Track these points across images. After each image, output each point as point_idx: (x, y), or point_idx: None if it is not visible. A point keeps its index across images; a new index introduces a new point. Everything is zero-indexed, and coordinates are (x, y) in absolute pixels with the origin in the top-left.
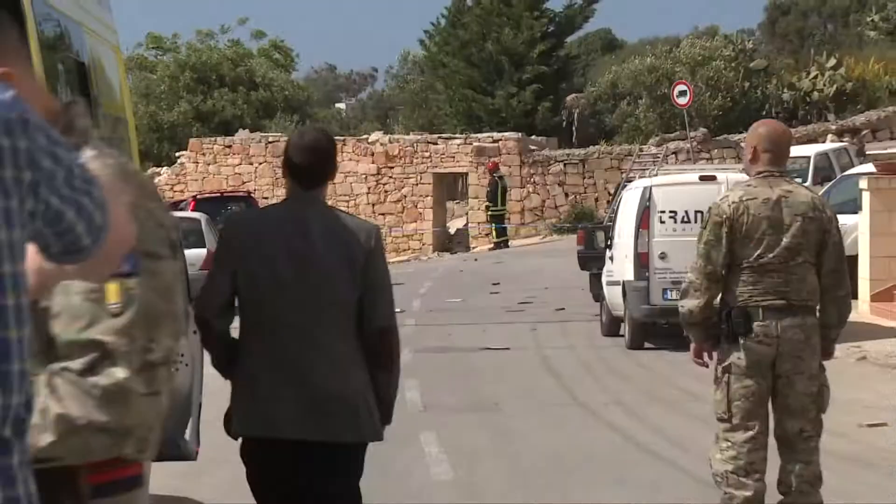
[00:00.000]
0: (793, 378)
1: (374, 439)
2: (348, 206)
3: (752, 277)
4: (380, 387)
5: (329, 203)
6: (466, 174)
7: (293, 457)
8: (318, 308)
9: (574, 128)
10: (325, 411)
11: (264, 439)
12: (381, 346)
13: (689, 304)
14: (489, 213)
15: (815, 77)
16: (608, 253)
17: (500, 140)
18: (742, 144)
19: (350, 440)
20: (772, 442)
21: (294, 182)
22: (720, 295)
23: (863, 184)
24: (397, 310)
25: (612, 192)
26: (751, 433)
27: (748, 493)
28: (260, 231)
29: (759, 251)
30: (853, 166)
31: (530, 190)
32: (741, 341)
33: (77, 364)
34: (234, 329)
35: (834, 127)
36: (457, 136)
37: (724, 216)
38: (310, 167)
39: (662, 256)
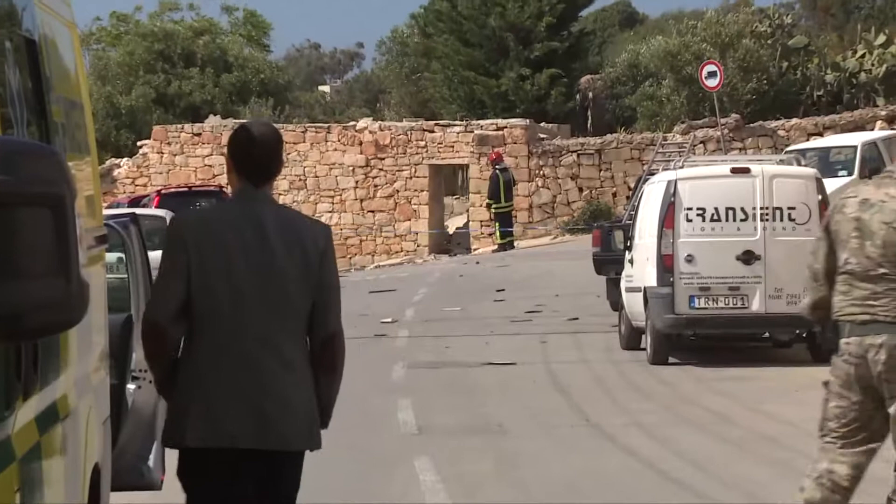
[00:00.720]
0: (890, 403)
1: (319, 447)
2: (333, 203)
3: (844, 286)
4: (323, 391)
5: (289, 199)
6: (467, 166)
7: (237, 468)
8: (275, 313)
9: (589, 113)
10: (282, 420)
11: (212, 450)
12: (331, 351)
13: (804, 301)
14: (492, 210)
15: (863, 56)
16: (627, 255)
17: (506, 127)
18: (780, 132)
19: (303, 449)
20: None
21: (243, 179)
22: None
23: None
24: (388, 320)
25: (631, 186)
26: (839, 457)
27: None
28: (214, 232)
29: (845, 256)
30: None
31: (539, 184)
32: (833, 358)
33: None
34: None
35: (884, 112)
36: (456, 122)
37: (829, 212)
38: (259, 163)
39: (689, 259)
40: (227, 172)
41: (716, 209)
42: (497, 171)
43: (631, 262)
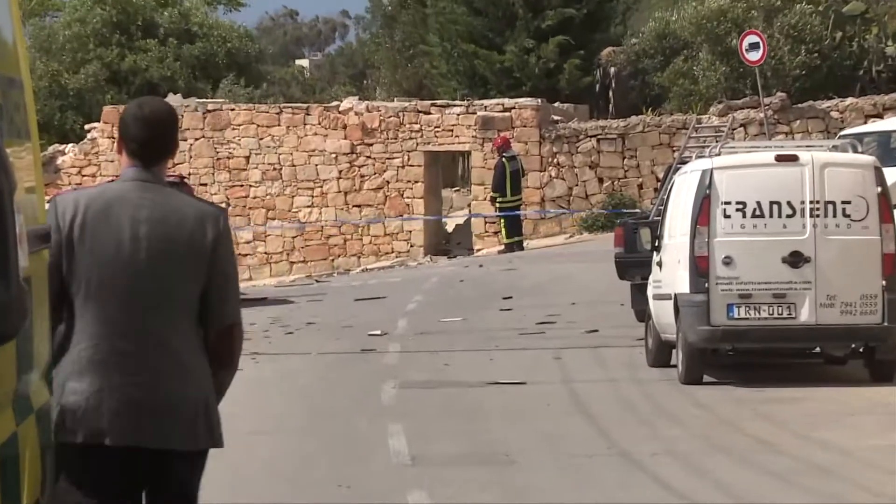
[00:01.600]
0: None
1: (215, 446)
2: (312, 196)
3: None
4: (219, 382)
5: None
6: (469, 153)
7: (122, 466)
8: (161, 303)
9: (611, 92)
10: (163, 417)
11: (91, 446)
12: (228, 343)
13: None
14: (498, 205)
15: None
16: (655, 257)
17: (514, 108)
18: (832, 114)
19: (187, 448)
20: None
21: (133, 159)
22: None
23: None
24: (376, 332)
25: (660, 176)
26: None
27: None
28: (96, 215)
29: None
30: None
31: (552, 174)
32: None
33: None
34: None
35: None
36: (456, 102)
37: None
38: (151, 142)
39: (727, 262)
40: (116, 153)
41: (758, 203)
42: (503, 159)
43: (659, 264)
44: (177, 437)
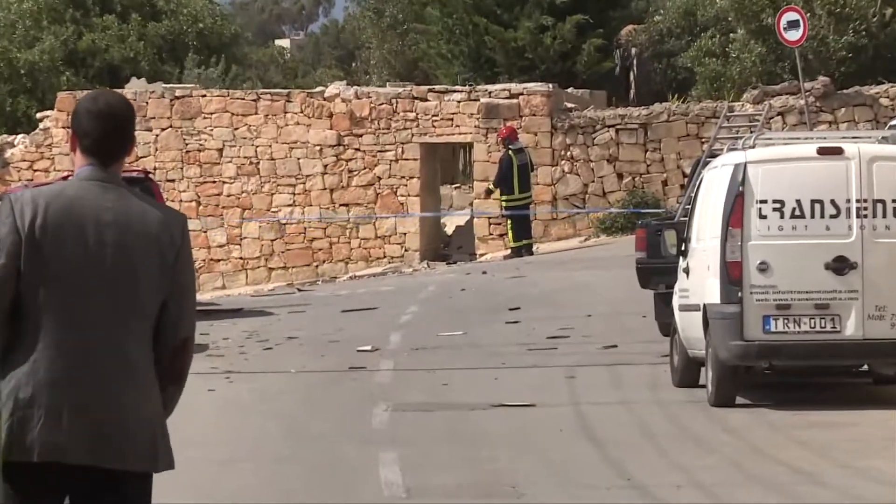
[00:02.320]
0: None
1: (170, 468)
2: (294, 193)
3: None
4: (168, 399)
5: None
6: (471, 145)
7: (70, 486)
8: (123, 314)
9: (632, 76)
10: (121, 436)
11: (42, 465)
12: (181, 358)
13: None
14: (504, 203)
15: None
16: (682, 263)
17: (522, 94)
18: (882, 101)
19: (147, 469)
20: None
21: (88, 157)
22: None
23: None
24: (366, 348)
25: (687, 172)
26: None
27: None
28: (58, 217)
29: None
30: None
31: (566, 169)
32: None
33: None
34: None
35: None
36: (457, 87)
37: None
38: (107, 139)
39: (763, 268)
40: (70, 150)
41: (798, 202)
42: (509, 152)
43: (686, 271)
44: (136, 458)
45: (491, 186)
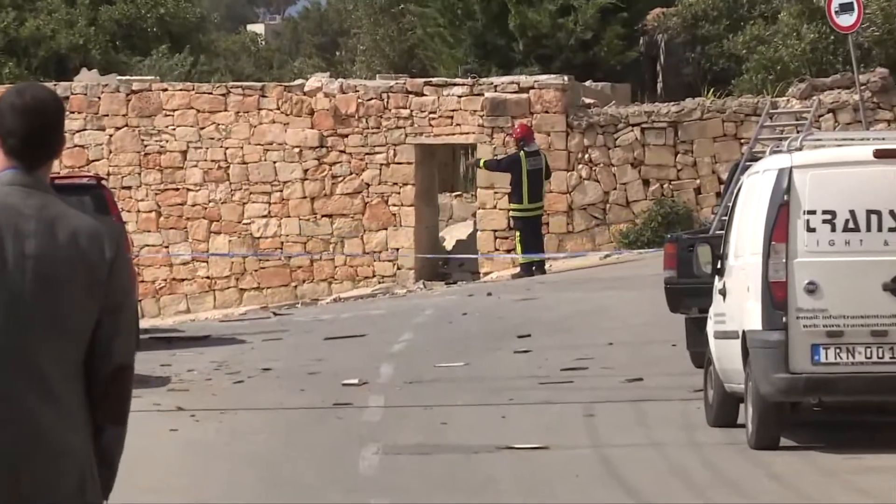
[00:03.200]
0: None
1: None
2: (269, 203)
3: None
4: (107, 445)
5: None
6: (474, 147)
7: None
8: (47, 336)
9: (660, 67)
10: (47, 468)
11: None
12: (115, 390)
13: None
14: (511, 214)
15: None
16: (718, 283)
17: (533, 87)
18: None
19: None
20: None
21: (12, 159)
22: None
23: None
24: (353, 381)
25: (724, 178)
26: None
27: None
28: None
29: None
30: None
31: (583, 174)
32: None
33: None
34: None
35: None
36: (457, 80)
37: None
38: (33, 138)
39: (811, 289)
40: None
41: (851, 213)
42: (523, 152)
43: (722, 293)
44: (68, 495)
45: (481, 162)
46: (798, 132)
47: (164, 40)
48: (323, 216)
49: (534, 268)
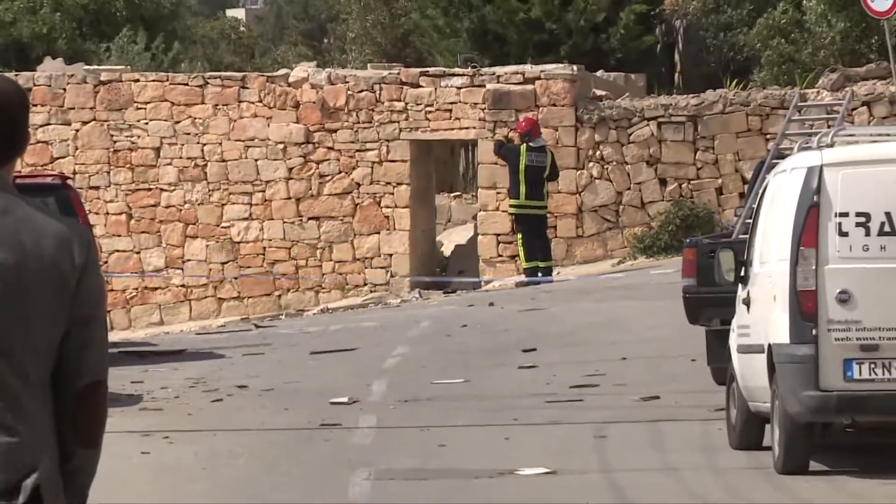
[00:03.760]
0: None
1: None
2: (251, 204)
3: None
4: (77, 470)
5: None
6: (474, 143)
7: None
8: (12, 350)
9: (677, 56)
10: (11, 496)
11: None
12: (87, 409)
13: None
14: (509, 210)
15: None
16: (741, 292)
17: (539, 78)
18: None
19: None
20: None
21: None
22: None
23: None
24: (342, 399)
25: (748, 177)
26: None
27: None
28: None
29: None
30: None
31: (594, 173)
32: None
33: None
34: None
35: None
36: (456, 70)
37: None
38: None
39: (843, 298)
40: None
41: (888, 215)
42: (525, 145)
43: (746, 303)
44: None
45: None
46: (829, 127)
47: (136, 26)
48: (309, 219)
49: (540, 275)
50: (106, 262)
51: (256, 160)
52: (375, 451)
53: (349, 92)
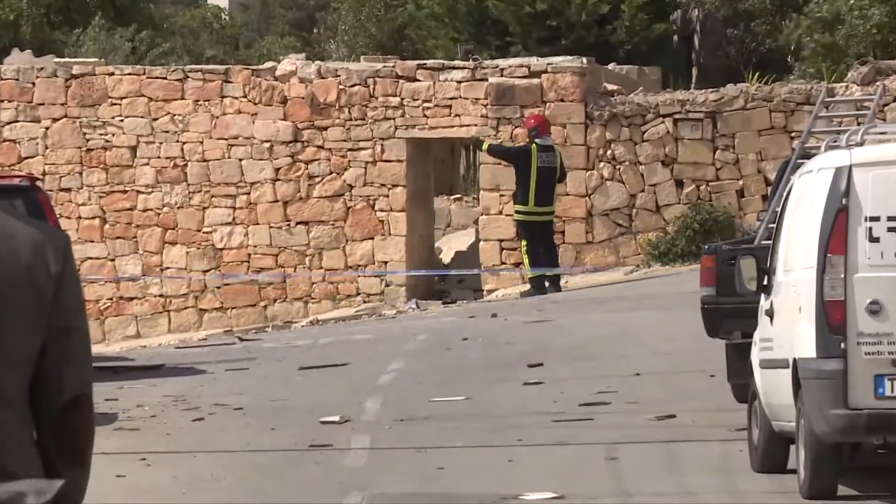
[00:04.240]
0: None
1: None
2: (235, 207)
3: None
4: (64, 494)
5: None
6: (476, 141)
7: None
8: None
9: (695, 47)
10: None
11: None
12: (72, 425)
13: None
14: (515, 216)
15: None
16: (763, 302)
17: (546, 71)
18: None
19: None
20: None
21: None
22: None
23: None
24: (333, 418)
25: (772, 178)
26: None
27: None
28: None
29: None
30: None
31: (605, 174)
32: None
33: None
34: None
35: None
36: (456, 63)
37: None
38: None
39: (875, 309)
40: None
41: None
42: (535, 145)
43: (770, 314)
44: None
45: (483, 145)
46: (859, 124)
47: (109, 15)
48: (298, 223)
49: (547, 284)
50: (78, 270)
51: (240, 160)
52: (369, 473)
53: (341, 86)
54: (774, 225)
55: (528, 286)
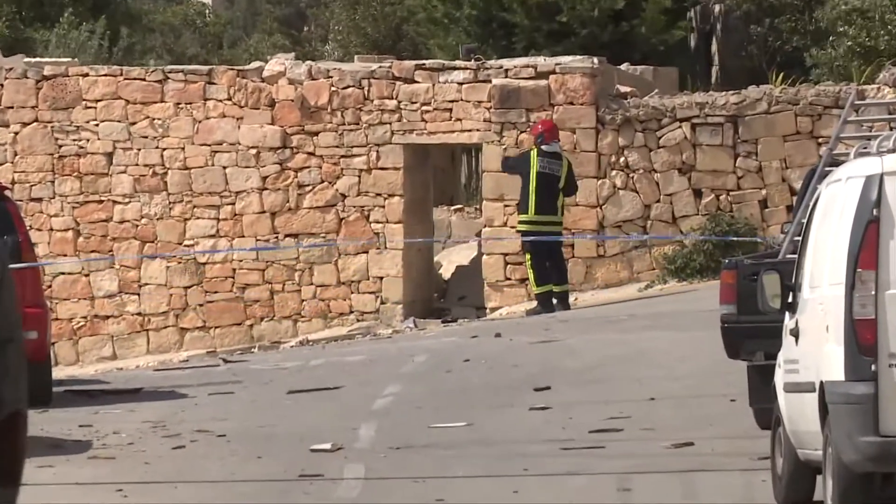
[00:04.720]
0: None
1: None
2: (219, 218)
3: None
4: None
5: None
6: (478, 147)
7: None
8: None
9: (714, 48)
10: None
11: None
12: (6, 443)
13: None
14: (517, 228)
15: None
16: (788, 320)
17: (554, 72)
18: None
19: None
20: None
21: None
22: None
23: None
24: (325, 446)
25: (797, 187)
26: None
27: None
28: None
29: None
30: None
31: (617, 183)
32: None
33: None
34: None
35: None
36: (457, 63)
37: None
38: None
39: None
40: None
41: None
42: (536, 150)
43: (795, 334)
44: None
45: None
46: (891, 129)
47: (83, 11)
48: (286, 236)
49: (555, 301)
50: (50, 287)
51: (225, 168)
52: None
53: (333, 88)
54: (800, 238)
55: (534, 303)
